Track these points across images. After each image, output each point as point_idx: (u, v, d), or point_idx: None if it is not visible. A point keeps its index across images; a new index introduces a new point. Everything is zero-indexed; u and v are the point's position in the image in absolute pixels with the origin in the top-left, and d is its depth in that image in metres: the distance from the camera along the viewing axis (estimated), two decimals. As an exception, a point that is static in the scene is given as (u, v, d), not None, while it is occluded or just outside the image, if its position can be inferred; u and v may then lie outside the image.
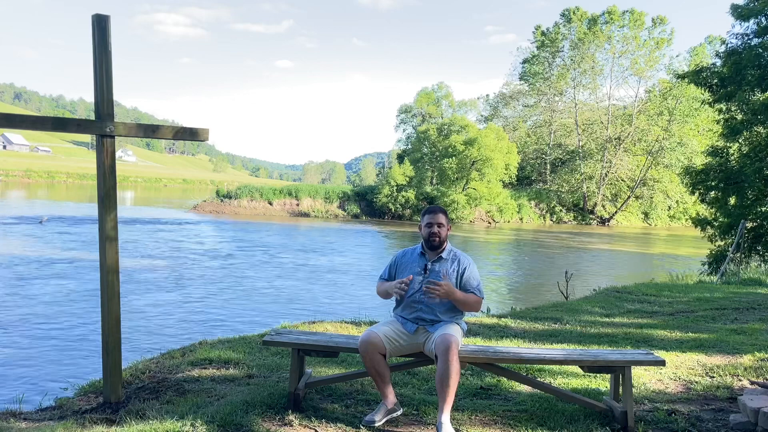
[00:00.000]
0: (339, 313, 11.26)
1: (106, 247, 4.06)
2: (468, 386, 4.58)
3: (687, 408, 4.19)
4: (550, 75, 60.34)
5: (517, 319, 7.83)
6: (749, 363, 5.28)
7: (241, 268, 18.86)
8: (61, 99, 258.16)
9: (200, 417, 3.65)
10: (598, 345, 6.17)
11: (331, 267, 20.30)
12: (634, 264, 26.89)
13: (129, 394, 4.32)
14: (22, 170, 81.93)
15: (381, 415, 3.75)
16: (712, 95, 17.43)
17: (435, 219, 3.98)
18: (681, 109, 51.86)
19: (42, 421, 4.06)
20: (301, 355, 3.99)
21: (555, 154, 60.16)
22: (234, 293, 14.56)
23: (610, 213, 56.68)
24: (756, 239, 16.15)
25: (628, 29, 56.33)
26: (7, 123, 3.92)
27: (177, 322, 11.26)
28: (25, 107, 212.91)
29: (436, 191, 47.35)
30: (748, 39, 16.81)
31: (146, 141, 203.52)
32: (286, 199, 46.41)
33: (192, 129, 4.36)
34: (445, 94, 59.48)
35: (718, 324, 7.50)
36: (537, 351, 4.24)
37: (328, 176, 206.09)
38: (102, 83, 3.94)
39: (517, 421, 3.86)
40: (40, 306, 12.01)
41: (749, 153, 16.12)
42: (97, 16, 3.88)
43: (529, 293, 17.14)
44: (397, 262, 4.13)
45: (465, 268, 3.95)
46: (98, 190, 4.05)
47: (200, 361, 5.18)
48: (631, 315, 8.27)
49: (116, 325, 4.14)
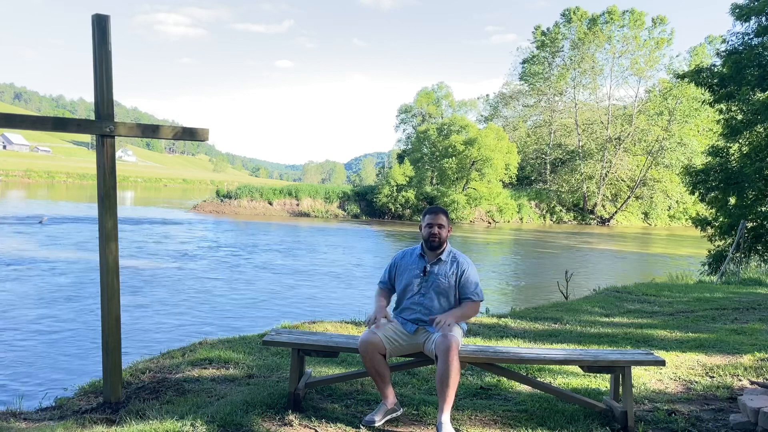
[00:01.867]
0: (339, 313, 11.26)
1: (106, 247, 4.06)
2: (468, 386, 4.58)
3: (687, 408, 4.19)
4: (550, 75, 60.32)
5: (517, 319, 7.83)
6: (749, 363, 5.28)
7: (241, 268, 18.86)
8: (61, 99, 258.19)
9: (200, 417, 3.65)
10: (598, 345, 6.17)
11: (331, 267, 20.30)
12: (634, 264, 26.88)
13: (129, 394, 4.32)
14: (22, 170, 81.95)
15: (381, 415, 3.75)
16: (712, 95, 17.42)
17: (435, 220, 3.98)
18: (681, 109, 51.84)
19: (42, 421, 4.06)
20: (301, 355, 3.99)
21: (555, 154, 60.14)
22: (234, 293, 14.56)
23: (610, 213, 56.67)
24: (756, 239, 16.14)
25: (628, 29, 56.31)
26: (7, 123, 3.92)
27: (177, 322, 11.26)
28: (25, 107, 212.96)
29: (436, 191, 47.35)
30: (749, 39, 16.81)
31: (146, 141, 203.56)
32: (286, 199, 46.40)
33: (192, 129, 4.37)
34: (445, 94, 59.51)
35: (718, 324, 7.50)
36: (537, 351, 4.24)
37: (328, 176, 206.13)
38: (102, 83, 3.94)
39: (517, 421, 3.86)
40: (40, 306, 12.01)
41: (749, 153, 16.12)
42: (97, 16, 3.88)
43: (529, 293, 17.14)
44: (396, 264, 4.13)
45: (464, 271, 3.96)
46: (98, 190, 4.06)
47: (200, 361, 5.18)
48: (631, 315, 8.27)
49: (116, 325, 4.14)
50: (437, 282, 3.93)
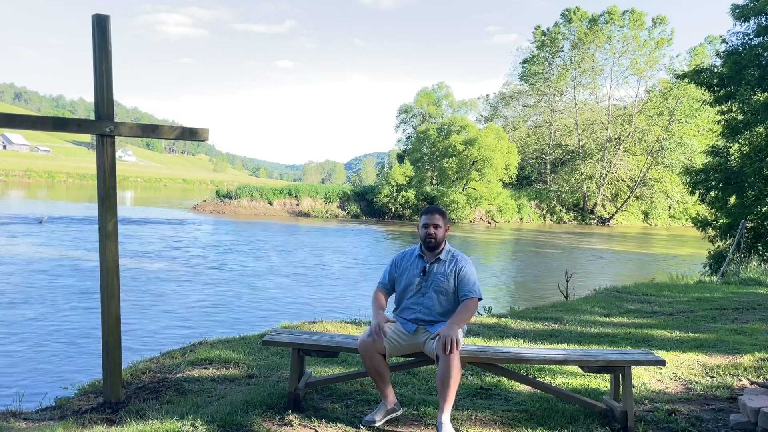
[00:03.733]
0: (339, 313, 11.28)
1: (106, 247, 4.06)
2: (468, 386, 4.58)
3: (687, 408, 4.19)
4: (550, 75, 60.34)
5: (517, 319, 7.83)
6: (749, 363, 5.28)
7: (241, 268, 18.86)
8: (61, 99, 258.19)
9: (200, 417, 3.65)
10: (598, 345, 6.17)
11: (332, 267, 20.30)
12: (634, 264, 26.87)
13: (129, 394, 4.32)
14: (22, 170, 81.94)
15: (381, 415, 3.75)
16: (712, 95, 17.42)
17: (431, 220, 3.99)
18: (681, 109, 51.86)
19: (42, 421, 4.06)
20: (301, 355, 3.99)
21: (555, 154, 60.17)
22: (234, 293, 14.56)
23: (610, 213, 56.68)
24: (756, 239, 16.14)
25: (628, 29, 56.32)
26: (7, 123, 3.92)
27: (177, 322, 11.26)
28: (25, 107, 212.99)
29: (436, 191, 47.35)
30: (749, 39, 16.80)
31: (146, 141, 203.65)
32: (286, 199, 46.41)
33: (192, 129, 4.37)
34: (445, 94, 59.49)
35: (718, 324, 7.50)
36: (537, 351, 4.24)
37: (328, 176, 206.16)
38: (102, 83, 3.95)
39: (517, 421, 3.86)
40: (40, 306, 12.01)
41: (749, 153, 16.12)
42: (97, 16, 3.88)
43: (529, 293, 17.14)
44: (396, 265, 4.13)
45: (461, 267, 3.96)
46: (98, 190, 4.06)
47: (200, 361, 5.19)
48: (631, 315, 8.27)
49: (116, 325, 4.14)
50: (437, 281, 3.93)
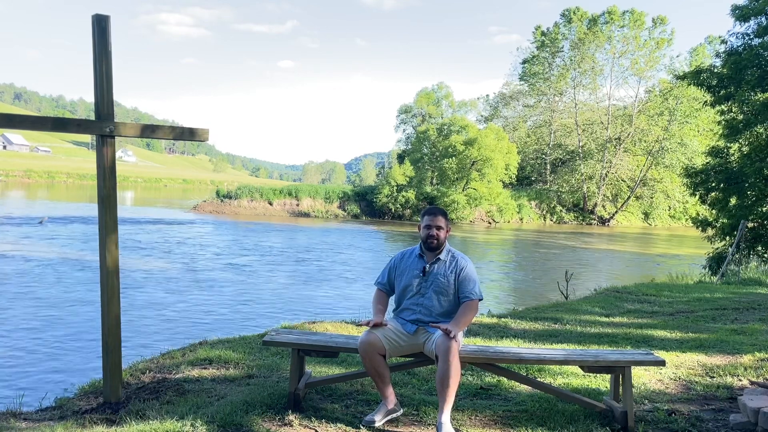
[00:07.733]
0: (339, 313, 11.28)
1: (106, 247, 4.06)
2: (468, 386, 4.58)
3: (687, 408, 4.19)
4: (550, 75, 60.31)
5: (517, 319, 7.83)
6: (749, 363, 5.28)
7: (241, 268, 18.86)
8: (61, 99, 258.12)
9: (200, 417, 3.65)
10: (598, 345, 6.17)
11: (331, 267, 20.30)
12: (634, 264, 26.88)
13: (129, 394, 4.32)
14: (22, 170, 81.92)
15: (381, 416, 3.75)
16: (712, 96, 17.42)
17: (434, 221, 3.99)
18: (681, 110, 51.85)
19: (42, 421, 4.06)
20: (301, 355, 3.99)
21: (555, 154, 60.13)
22: (234, 293, 14.56)
23: (610, 213, 56.67)
24: (756, 239, 16.14)
25: (628, 29, 56.30)
26: (7, 123, 3.93)
27: (177, 322, 11.26)
28: (25, 107, 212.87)
29: (436, 191, 47.35)
30: (749, 39, 16.81)
31: (146, 141, 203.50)
32: (286, 199, 46.40)
33: (192, 129, 4.37)
34: (445, 94, 59.44)
35: (718, 324, 7.50)
36: (537, 351, 4.24)
37: (328, 176, 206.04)
38: (102, 83, 3.94)
39: (517, 421, 3.86)
40: (40, 306, 12.01)
41: (749, 153, 16.12)
42: (97, 16, 3.88)
43: (529, 293, 17.14)
44: (395, 265, 4.12)
45: (462, 269, 3.96)
46: (98, 191, 4.06)
47: (200, 361, 5.18)
48: (631, 315, 8.26)
49: (116, 325, 4.14)
50: (437, 282, 3.93)
